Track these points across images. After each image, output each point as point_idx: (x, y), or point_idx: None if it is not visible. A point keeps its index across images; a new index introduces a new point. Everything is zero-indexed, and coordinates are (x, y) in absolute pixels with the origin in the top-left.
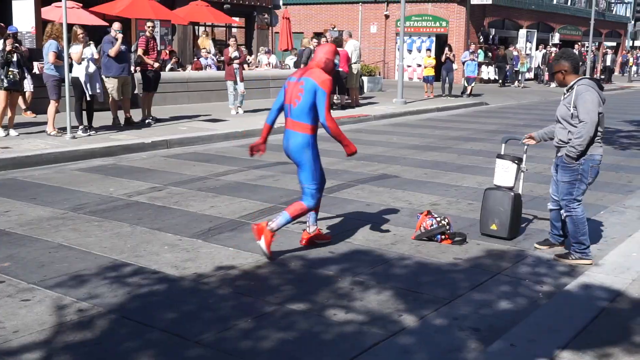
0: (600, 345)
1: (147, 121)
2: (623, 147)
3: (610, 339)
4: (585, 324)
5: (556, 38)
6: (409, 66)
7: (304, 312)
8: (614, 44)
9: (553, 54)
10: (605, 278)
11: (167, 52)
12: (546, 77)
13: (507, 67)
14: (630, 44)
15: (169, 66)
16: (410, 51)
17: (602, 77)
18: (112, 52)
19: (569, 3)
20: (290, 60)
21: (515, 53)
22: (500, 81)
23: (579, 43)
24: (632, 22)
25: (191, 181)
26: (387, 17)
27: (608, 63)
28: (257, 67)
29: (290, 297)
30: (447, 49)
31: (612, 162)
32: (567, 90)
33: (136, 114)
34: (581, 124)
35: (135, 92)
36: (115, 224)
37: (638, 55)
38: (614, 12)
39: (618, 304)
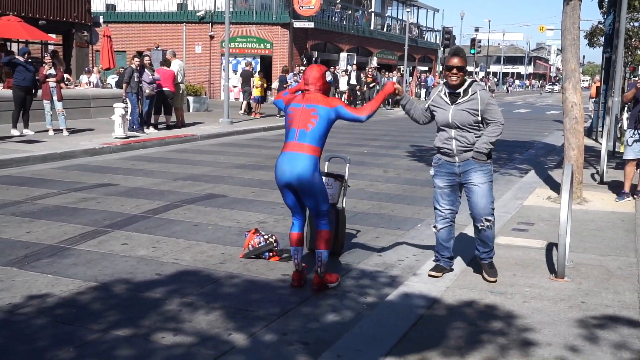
0: (420, 351)
1: None
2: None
3: (428, 344)
4: (405, 331)
5: (374, 62)
6: (234, 86)
7: (130, 338)
8: (427, 68)
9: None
10: (423, 287)
11: None
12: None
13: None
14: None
15: None
16: (235, 72)
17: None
18: None
19: (385, 29)
20: (112, 79)
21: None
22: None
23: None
24: (442, 48)
25: (4, 206)
26: (212, 37)
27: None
28: (76, 86)
29: (115, 323)
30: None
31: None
32: (457, 94)
33: None
34: (496, 125)
35: None
36: None
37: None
38: (425, 39)
39: (435, 311)
